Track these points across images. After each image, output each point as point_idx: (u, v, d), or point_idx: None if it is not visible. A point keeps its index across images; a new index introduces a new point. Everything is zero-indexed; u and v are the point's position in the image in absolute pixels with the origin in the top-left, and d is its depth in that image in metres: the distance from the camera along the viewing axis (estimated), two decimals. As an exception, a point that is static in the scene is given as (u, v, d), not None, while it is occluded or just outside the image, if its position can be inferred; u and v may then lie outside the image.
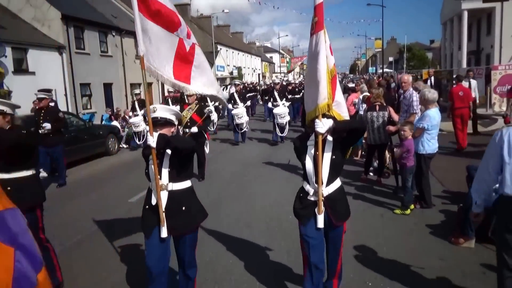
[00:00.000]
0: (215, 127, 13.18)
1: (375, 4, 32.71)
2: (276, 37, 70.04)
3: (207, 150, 7.00)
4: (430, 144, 4.76)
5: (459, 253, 3.82)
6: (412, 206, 5.00)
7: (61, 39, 15.97)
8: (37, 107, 7.43)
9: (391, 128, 5.50)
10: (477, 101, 10.38)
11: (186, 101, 9.95)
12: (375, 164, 6.81)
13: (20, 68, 14.05)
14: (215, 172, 7.63)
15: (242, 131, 10.70)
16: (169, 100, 13.65)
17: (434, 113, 4.66)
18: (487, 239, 4.01)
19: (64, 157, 7.46)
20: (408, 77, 6.11)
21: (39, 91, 7.26)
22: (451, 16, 26.88)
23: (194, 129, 6.54)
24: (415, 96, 5.46)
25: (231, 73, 38.85)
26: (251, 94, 18.73)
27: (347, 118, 2.94)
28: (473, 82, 10.10)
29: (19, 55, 14.04)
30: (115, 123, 12.13)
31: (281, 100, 10.79)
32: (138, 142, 10.48)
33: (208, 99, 13.36)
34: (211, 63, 33.57)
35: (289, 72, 22.47)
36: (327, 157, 2.63)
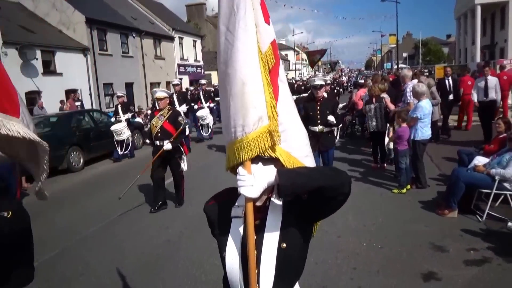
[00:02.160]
0: (210, 131, 11.41)
1: (390, 0, 32.87)
2: (291, 35, 70.35)
3: (184, 167, 5.54)
4: (423, 132, 5.47)
5: (442, 221, 4.54)
6: (408, 187, 5.72)
7: (85, 41, 17.13)
8: None
9: (391, 112, 6.23)
10: (499, 105, 8.45)
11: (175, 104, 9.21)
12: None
13: (49, 69, 15.23)
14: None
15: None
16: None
17: (425, 104, 5.37)
18: (469, 211, 4.72)
19: (16, 177, 4.76)
20: (407, 72, 6.84)
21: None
22: (465, 10, 26.95)
23: (167, 146, 5.18)
24: (408, 88, 6.18)
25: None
26: None
27: (309, 160, 1.52)
28: (492, 80, 8.33)
29: (47, 57, 15.22)
30: (138, 119, 13.09)
31: None
32: (120, 153, 9.50)
33: (203, 99, 11.49)
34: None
35: (313, 66, 19.48)
36: (269, 247, 1.33)
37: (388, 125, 6.45)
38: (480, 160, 4.85)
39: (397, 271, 3.50)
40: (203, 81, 12.95)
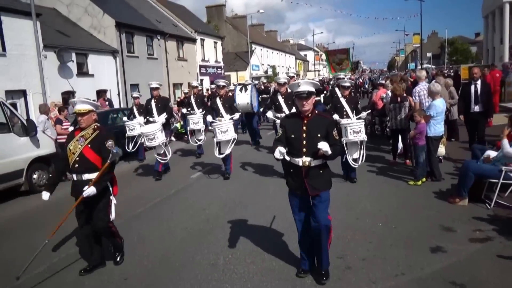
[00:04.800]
0: (201, 142, 9.07)
1: (413, -2, 32.92)
2: (310, 35, 70.65)
3: (112, 215, 3.94)
4: (436, 128, 6.04)
5: (453, 208, 5.10)
6: (424, 179, 6.28)
7: (114, 44, 18.35)
8: None
9: (407, 115, 6.83)
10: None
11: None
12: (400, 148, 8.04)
13: (82, 71, 16.49)
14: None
15: (222, 155, 7.22)
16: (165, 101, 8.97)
17: (439, 102, 5.95)
18: (479, 200, 5.26)
19: None
20: (419, 73, 7.42)
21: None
22: (493, 9, 26.80)
23: (89, 191, 3.62)
24: (418, 88, 6.82)
25: (266, 72, 40.49)
26: (261, 96, 14.97)
27: None
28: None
29: (81, 60, 16.48)
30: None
31: (290, 109, 6.82)
32: (128, 149, 8.91)
33: (195, 105, 9.29)
34: (246, 63, 35.45)
35: (333, 67, 16.65)
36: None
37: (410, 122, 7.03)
38: (490, 154, 5.39)
39: (408, 245, 4.12)
40: (194, 83, 10.47)
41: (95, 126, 3.85)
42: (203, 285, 3.54)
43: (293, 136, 3.34)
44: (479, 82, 7.15)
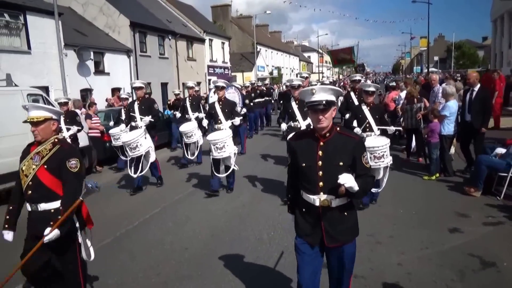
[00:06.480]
0: (198, 153, 8.50)
1: (421, 1, 33.66)
2: (314, 36, 71.33)
3: (86, 256, 3.09)
4: (449, 127, 6.71)
5: (467, 198, 5.75)
6: (437, 175, 6.94)
7: (129, 43, 19.06)
8: None
9: (419, 114, 7.51)
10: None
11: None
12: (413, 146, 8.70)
13: (98, 69, 17.19)
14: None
15: (226, 173, 6.37)
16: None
17: (452, 104, 6.62)
18: (490, 192, 5.90)
19: None
20: (436, 76, 8.13)
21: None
22: (501, 13, 27.50)
23: (51, 235, 2.67)
24: (440, 89, 7.49)
25: (271, 73, 41.22)
26: (261, 100, 14.48)
27: None
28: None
29: (97, 58, 17.18)
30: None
31: (305, 118, 5.82)
32: (123, 158, 8.00)
33: (189, 108, 8.75)
34: (252, 64, 36.20)
35: (336, 63, 17.25)
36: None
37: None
38: (501, 151, 6.05)
39: (429, 227, 4.77)
40: (190, 83, 9.51)
41: (55, 140, 2.94)
42: (253, 253, 4.20)
43: (304, 164, 2.45)
44: (476, 88, 6.62)
